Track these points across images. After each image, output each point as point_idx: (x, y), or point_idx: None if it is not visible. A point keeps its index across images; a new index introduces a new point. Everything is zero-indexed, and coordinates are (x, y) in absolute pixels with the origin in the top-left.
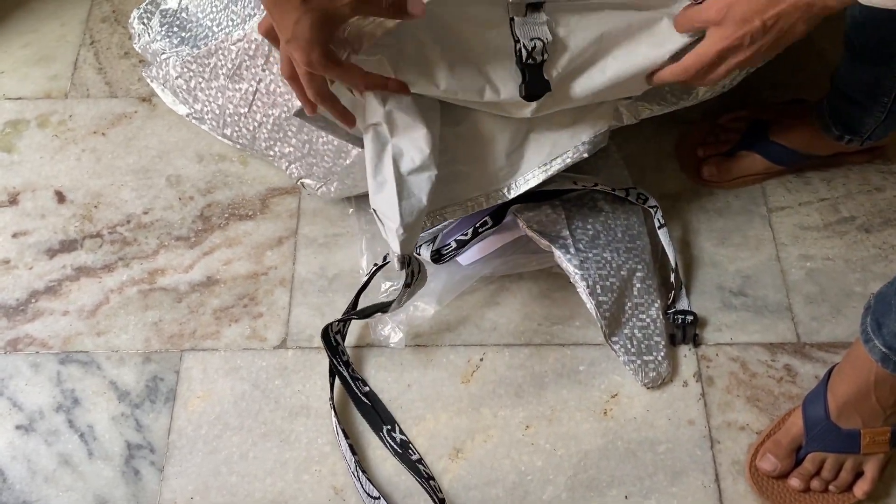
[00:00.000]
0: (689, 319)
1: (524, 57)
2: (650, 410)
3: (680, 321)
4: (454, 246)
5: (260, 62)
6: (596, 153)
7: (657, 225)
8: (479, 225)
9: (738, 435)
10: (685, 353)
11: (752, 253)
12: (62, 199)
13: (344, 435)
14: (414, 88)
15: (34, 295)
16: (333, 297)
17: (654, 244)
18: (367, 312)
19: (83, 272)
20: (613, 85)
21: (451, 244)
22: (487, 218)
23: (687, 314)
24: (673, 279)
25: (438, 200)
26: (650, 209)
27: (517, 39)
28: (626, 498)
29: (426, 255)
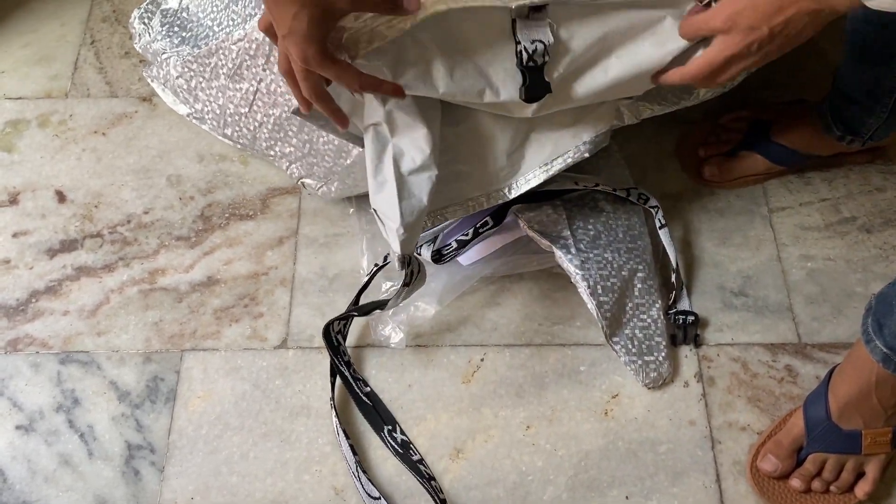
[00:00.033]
0: (690, 320)
1: (525, 59)
2: (651, 411)
3: (681, 321)
4: (455, 246)
5: (261, 62)
6: (597, 153)
7: (658, 225)
8: (479, 225)
9: (739, 435)
10: (686, 353)
11: (753, 253)
12: (63, 198)
13: (345, 435)
14: (413, 91)
15: (34, 295)
16: (334, 297)
17: (655, 244)
18: (366, 309)
19: (83, 272)
20: (615, 85)
21: (451, 244)
22: (488, 218)
23: (688, 314)
24: (674, 279)
25: (439, 200)
26: (651, 209)
27: (518, 41)
28: (626, 498)
29: (427, 255)
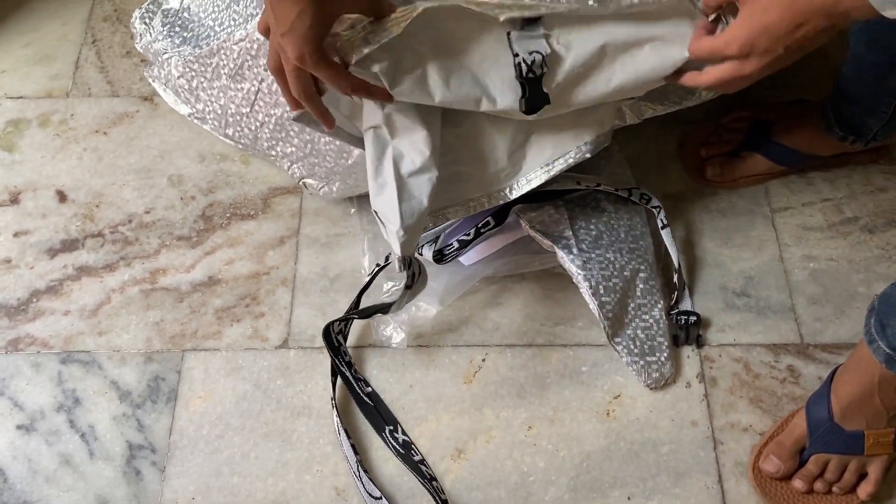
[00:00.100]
0: (692, 320)
1: (524, 71)
2: (653, 411)
3: (683, 322)
4: (456, 246)
5: (262, 62)
6: (598, 153)
7: (660, 225)
8: (481, 225)
9: (741, 436)
10: (688, 353)
11: (755, 253)
12: (63, 198)
13: (346, 435)
14: (410, 98)
15: (35, 294)
16: (335, 297)
17: (657, 244)
18: (367, 312)
19: (84, 272)
20: (618, 91)
21: (453, 244)
22: (490, 218)
23: (690, 315)
24: (676, 280)
25: (440, 200)
26: (653, 209)
27: (516, 53)
28: (628, 499)
29: (428, 255)
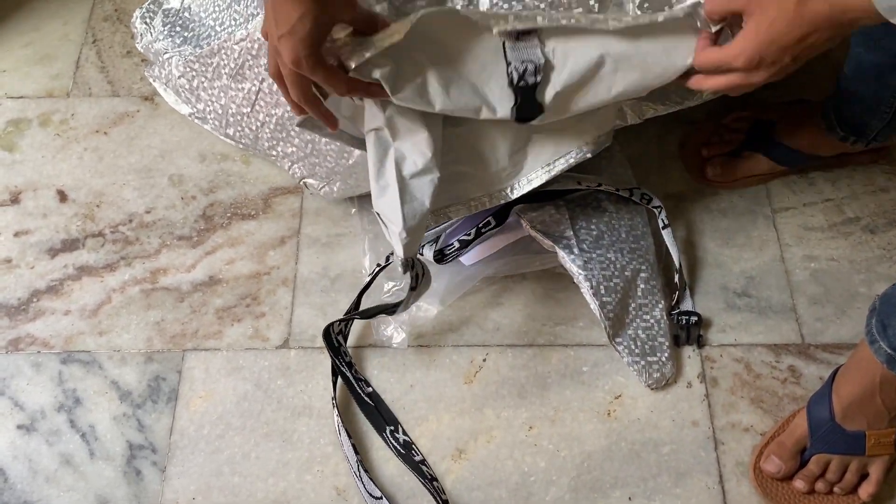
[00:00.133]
0: (693, 320)
1: (516, 79)
2: (654, 411)
3: (684, 322)
4: (457, 246)
5: (263, 62)
6: (600, 153)
7: (661, 225)
8: (482, 225)
9: (742, 436)
10: (689, 353)
11: (756, 253)
12: (64, 198)
13: (347, 435)
14: (410, 105)
15: (36, 294)
16: (336, 297)
17: (658, 244)
18: (370, 313)
19: (85, 271)
20: (620, 96)
21: (454, 244)
22: (490, 218)
23: (691, 315)
24: (677, 280)
25: (441, 200)
26: (654, 209)
27: (509, 62)
28: (629, 499)
29: (429, 255)
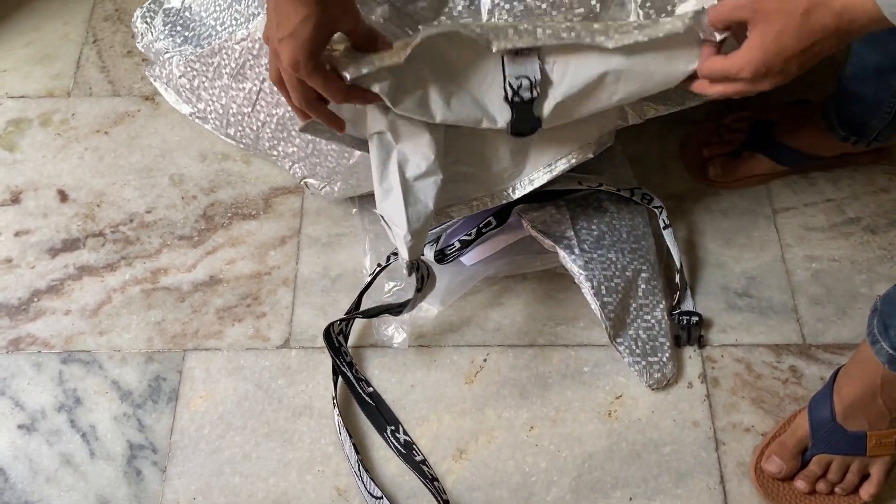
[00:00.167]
0: (694, 320)
1: (510, 95)
2: (655, 412)
3: (685, 322)
4: (458, 246)
5: (264, 61)
6: (601, 153)
7: (662, 225)
8: (482, 225)
9: (743, 436)
10: (690, 354)
11: (757, 254)
12: (64, 197)
13: (347, 435)
14: (412, 115)
15: (36, 294)
16: (337, 296)
17: (658, 245)
18: (372, 313)
19: (85, 271)
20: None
21: (454, 244)
22: (491, 218)
23: (692, 315)
24: (678, 280)
25: (443, 199)
26: (655, 209)
27: (505, 77)
28: (630, 499)
29: (430, 255)
